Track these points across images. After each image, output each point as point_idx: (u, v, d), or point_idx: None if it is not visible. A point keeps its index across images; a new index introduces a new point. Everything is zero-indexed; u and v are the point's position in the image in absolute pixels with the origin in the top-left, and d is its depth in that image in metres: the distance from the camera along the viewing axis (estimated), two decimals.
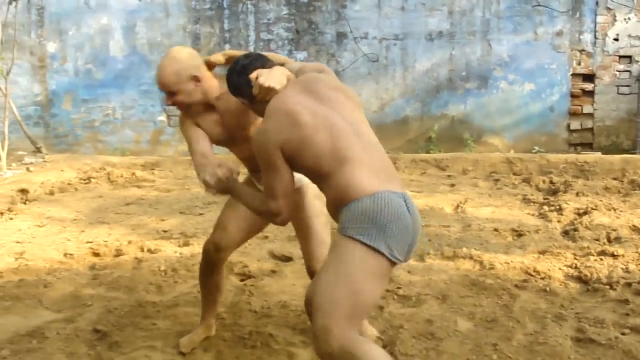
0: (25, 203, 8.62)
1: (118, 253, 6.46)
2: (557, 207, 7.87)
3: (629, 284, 5.36)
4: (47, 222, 7.64)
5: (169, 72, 4.01)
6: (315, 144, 3.29)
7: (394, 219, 3.17)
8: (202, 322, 4.54)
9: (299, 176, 3.61)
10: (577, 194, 8.51)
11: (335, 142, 3.29)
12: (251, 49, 12.30)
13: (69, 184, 9.73)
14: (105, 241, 6.82)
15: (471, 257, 6.12)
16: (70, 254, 6.41)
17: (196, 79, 4.05)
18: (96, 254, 6.46)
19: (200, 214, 8.00)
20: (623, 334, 4.53)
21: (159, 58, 12.34)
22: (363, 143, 3.33)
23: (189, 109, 4.14)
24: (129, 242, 6.71)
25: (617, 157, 10.29)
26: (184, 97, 4.06)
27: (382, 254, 3.16)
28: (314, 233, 4.17)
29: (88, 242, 6.81)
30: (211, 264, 4.38)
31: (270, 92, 3.53)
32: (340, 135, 3.31)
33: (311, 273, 4.19)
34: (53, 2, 12.52)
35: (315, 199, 4.16)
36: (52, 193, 9.22)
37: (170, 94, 4.06)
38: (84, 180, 10.04)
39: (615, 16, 11.91)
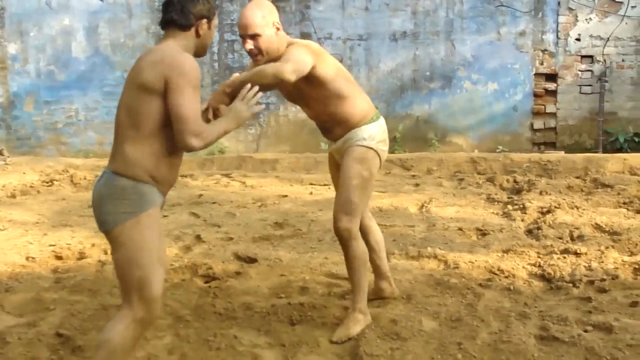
0: None
1: (81, 256, 6.40)
2: (521, 206, 7.93)
3: (591, 282, 5.40)
4: (9, 226, 7.55)
5: (256, 14, 4.32)
6: None
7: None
8: (374, 287, 5.13)
9: (349, 136, 4.63)
10: (540, 193, 8.58)
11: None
12: (215, 49, 12.26)
13: (31, 186, 9.63)
14: (68, 244, 6.76)
15: (436, 257, 6.15)
16: (33, 258, 6.34)
17: (277, 27, 4.40)
18: (59, 257, 6.39)
19: (165, 216, 7.95)
20: (586, 331, 4.56)
21: (122, 59, 12.30)
22: (116, 126, 3.64)
23: (260, 59, 4.41)
24: (93, 245, 6.65)
25: (579, 156, 10.40)
26: (264, 43, 4.36)
27: None
28: (345, 191, 4.61)
29: (51, 245, 6.74)
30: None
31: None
32: (117, 115, 3.66)
33: (334, 219, 4.63)
34: (14, 2, 12.39)
35: (355, 162, 4.62)
36: (13, 196, 9.12)
37: (252, 36, 4.33)
38: (47, 182, 9.94)
39: (577, 16, 12.02)
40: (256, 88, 3.85)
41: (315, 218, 7.74)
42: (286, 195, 8.87)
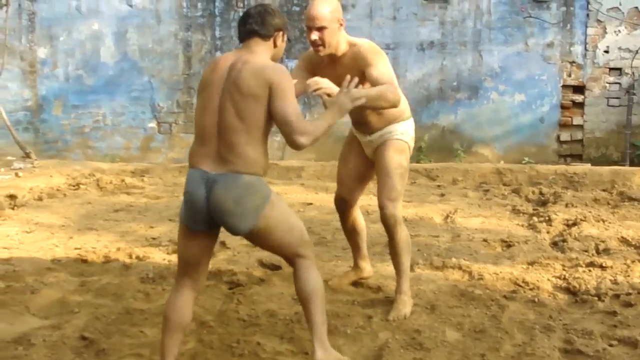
0: (13, 209, 8.56)
1: (106, 260, 6.42)
2: (547, 218, 7.88)
3: (617, 296, 5.37)
4: (35, 228, 7.60)
5: (326, 8, 4.70)
6: (198, 100, 4.05)
7: (185, 192, 3.97)
8: (354, 266, 5.72)
9: (388, 130, 5.02)
10: (566, 205, 8.53)
11: (201, 112, 3.97)
12: None
13: (57, 189, 9.69)
14: (94, 248, 6.80)
15: (460, 268, 6.12)
16: (58, 260, 6.38)
17: (340, 23, 4.80)
18: (84, 261, 6.42)
19: None
20: (611, 345, 4.53)
21: (150, 65, 12.37)
22: (218, 127, 3.89)
23: (321, 50, 4.81)
24: (118, 249, 6.68)
25: (606, 169, 10.32)
26: (327, 36, 4.74)
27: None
28: (390, 179, 5.03)
29: (76, 249, 6.78)
30: (343, 213, 5.54)
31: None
32: (208, 110, 3.94)
33: (382, 207, 5.04)
34: (44, 7, 12.49)
35: (396, 154, 5.06)
36: (40, 199, 9.18)
37: (319, 29, 4.70)
38: (73, 186, 10.00)
39: (606, 28, 11.96)
40: (356, 80, 4.19)
41: (339, 226, 7.70)
42: (311, 203, 8.87)
